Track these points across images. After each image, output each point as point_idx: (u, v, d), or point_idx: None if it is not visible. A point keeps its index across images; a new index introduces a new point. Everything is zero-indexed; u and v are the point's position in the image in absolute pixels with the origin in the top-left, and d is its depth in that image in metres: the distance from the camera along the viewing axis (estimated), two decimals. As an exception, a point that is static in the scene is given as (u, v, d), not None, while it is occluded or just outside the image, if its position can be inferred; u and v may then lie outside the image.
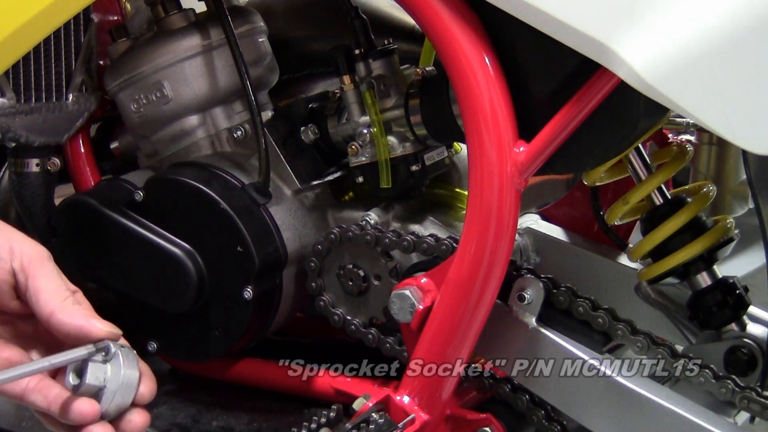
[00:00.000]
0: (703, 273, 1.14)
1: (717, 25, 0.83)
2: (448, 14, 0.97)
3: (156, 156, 1.31)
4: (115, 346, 0.78)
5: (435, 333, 1.04)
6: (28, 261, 0.81)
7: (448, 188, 1.31)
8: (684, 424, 0.99)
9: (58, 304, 0.80)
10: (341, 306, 1.21)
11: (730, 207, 1.65)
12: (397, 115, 1.18)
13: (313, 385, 1.24)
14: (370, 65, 1.19)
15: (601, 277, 1.29)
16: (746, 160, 1.02)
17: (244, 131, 1.26)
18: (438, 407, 1.07)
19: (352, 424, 1.01)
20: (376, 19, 1.35)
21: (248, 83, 1.20)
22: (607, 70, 0.87)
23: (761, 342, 1.10)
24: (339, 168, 1.27)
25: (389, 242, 1.14)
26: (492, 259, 1.00)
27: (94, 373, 0.78)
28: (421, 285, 1.06)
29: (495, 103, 0.97)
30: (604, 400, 1.03)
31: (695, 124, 1.23)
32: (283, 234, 1.21)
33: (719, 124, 0.84)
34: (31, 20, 0.97)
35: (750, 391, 1.03)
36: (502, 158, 0.97)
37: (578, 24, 0.87)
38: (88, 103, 1.31)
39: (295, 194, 1.25)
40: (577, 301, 1.07)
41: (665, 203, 1.15)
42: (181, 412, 1.29)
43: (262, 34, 1.31)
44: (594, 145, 1.00)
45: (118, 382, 0.78)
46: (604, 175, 1.21)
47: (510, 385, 1.12)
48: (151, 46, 1.25)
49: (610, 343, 1.09)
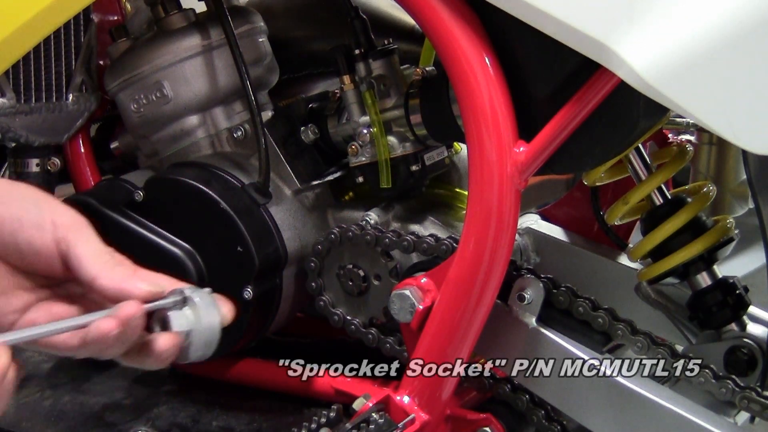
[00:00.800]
0: (703, 273, 1.14)
1: (717, 25, 0.83)
2: (448, 14, 0.97)
3: (156, 156, 1.31)
4: (186, 290, 0.82)
5: (435, 333, 1.04)
6: (67, 230, 0.83)
7: (448, 188, 1.31)
8: (684, 424, 0.99)
9: (99, 268, 0.82)
10: (341, 306, 1.21)
11: (730, 207, 1.65)
12: (397, 115, 1.18)
13: (313, 385, 1.24)
14: (370, 65, 1.19)
15: (601, 277, 1.29)
16: (746, 160, 1.02)
17: (244, 131, 1.26)
18: (438, 407, 1.07)
19: (352, 424, 1.01)
20: (376, 19, 1.35)
21: (248, 83, 1.20)
22: (607, 70, 0.87)
23: (761, 342, 1.10)
24: (339, 168, 1.27)
25: (389, 242, 1.14)
26: (492, 259, 1.00)
27: (178, 320, 0.81)
28: (421, 285, 1.06)
29: (495, 103, 0.97)
30: (604, 400, 1.03)
31: (695, 124, 1.23)
32: (283, 234, 1.21)
33: (719, 124, 0.84)
34: (31, 20, 0.97)
35: (750, 391, 1.03)
36: (502, 158, 0.97)
37: (578, 24, 0.87)
38: (88, 103, 1.31)
39: (295, 194, 1.25)
40: (577, 301, 1.07)
41: (665, 203, 1.15)
42: (181, 412, 1.29)
43: (262, 34, 1.31)
44: (594, 145, 1.00)
45: (202, 322, 0.82)
46: (604, 175, 1.21)
47: (510, 385, 1.12)
48: (151, 46, 1.25)
49: (610, 343, 1.09)
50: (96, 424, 1.27)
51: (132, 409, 1.30)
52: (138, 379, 1.38)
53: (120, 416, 1.28)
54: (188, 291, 0.82)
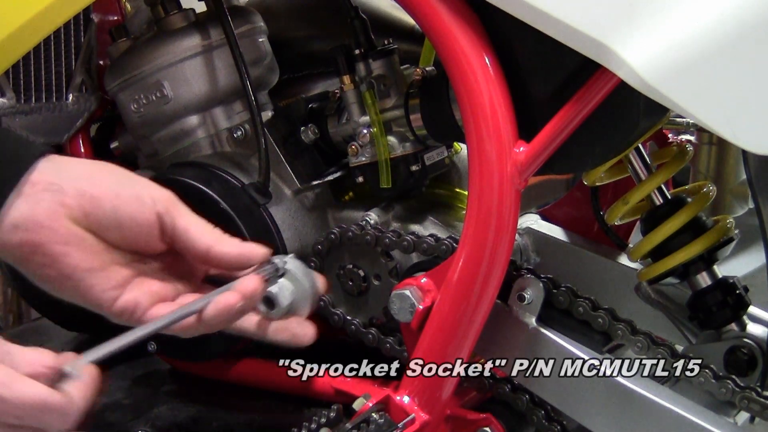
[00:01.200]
0: (703, 273, 1.13)
1: (717, 25, 0.83)
2: (448, 14, 0.97)
3: (156, 156, 1.31)
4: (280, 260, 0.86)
5: (435, 333, 1.04)
6: (167, 204, 0.86)
7: (448, 188, 1.31)
8: (684, 424, 0.99)
9: (211, 238, 0.86)
10: (341, 306, 1.21)
11: (730, 207, 1.65)
12: (397, 115, 1.18)
13: (313, 385, 1.24)
14: (370, 65, 1.19)
15: (601, 277, 1.29)
16: (746, 160, 1.02)
17: (244, 131, 1.26)
18: (438, 407, 1.07)
19: (352, 424, 1.01)
20: (376, 19, 1.35)
21: (248, 83, 1.20)
22: (607, 70, 0.87)
23: (761, 342, 1.10)
24: (339, 168, 1.27)
25: (389, 242, 1.14)
26: (492, 259, 1.00)
27: (282, 293, 0.85)
28: (421, 285, 1.06)
29: (495, 103, 0.97)
30: (604, 400, 1.03)
31: (695, 124, 1.23)
32: (283, 234, 1.21)
33: (719, 124, 0.84)
34: (31, 20, 0.97)
35: (750, 391, 1.03)
36: (502, 158, 0.97)
37: (578, 24, 0.87)
38: (88, 103, 1.31)
39: (295, 194, 1.25)
40: (577, 301, 1.07)
41: (665, 203, 1.15)
42: (181, 412, 1.29)
43: (262, 34, 1.31)
44: (594, 145, 1.00)
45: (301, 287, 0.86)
46: (604, 175, 1.21)
47: (510, 385, 1.12)
48: (151, 46, 1.25)
49: (610, 343, 1.09)
50: (96, 424, 1.27)
51: (132, 409, 1.29)
52: (138, 379, 1.38)
53: (120, 416, 1.28)
54: (278, 261, 0.86)
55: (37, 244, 0.82)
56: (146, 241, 0.85)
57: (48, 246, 0.82)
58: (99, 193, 0.84)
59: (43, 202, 0.82)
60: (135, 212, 0.85)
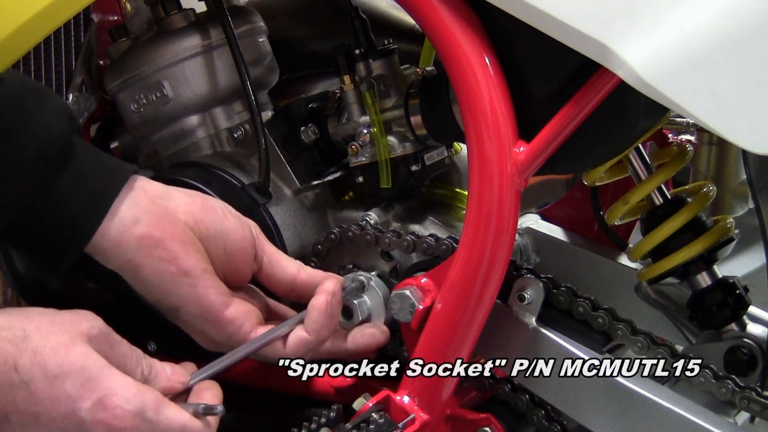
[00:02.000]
0: (703, 273, 1.13)
1: (717, 24, 0.83)
2: (448, 14, 0.97)
3: (156, 156, 1.31)
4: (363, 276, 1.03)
5: (435, 333, 1.04)
6: (257, 230, 0.95)
7: (448, 188, 1.31)
8: (684, 424, 0.99)
9: (296, 265, 0.97)
10: (341, 306, 1.21)
11: (730, 207, 1.65)
12: (397, 115, 1.18)
13: (313, 385, 1.24)
14: (370, 65, 1.19)
15: (601, 277, 1.29)
16: (746, 160, 1.02)
17: (244, 131, 1.26)
18: (438, 407, 1.07)
19: (352, 424, 1.01)
20: (376, 19, 1.35)
21: (248, 83, 1.20)
22: (607, 70, 0.87)
23: (761, 342, 1.10)
24: (339, 168, 1.27)
25: (389, 242, 1.14)
26: (492, 259, 1.00)
27: (361, 306, 1.04)
28: (421, 285, 1.06)
29: (495, 103, 0.97)
30: (604, 400, 1.03)
31: (695, 124, 1.23)
32: (284, 234, 1.21)
33: (719, 124, 0.84)
34: (31, 20, 0.97)
35: (750, 391, 1.03)
36: (502, 158, 0.97)
37: (578, 24, 0.87)
38: (88, 103, 1.31)
39: (295, 194, 1.25)
40: (577, 301, 1.07)
41: (665, 203, 1.15)
42: (180, 412, 1.28)
43: (262, 34, 1.31)
44: (594, 145, 1.00)
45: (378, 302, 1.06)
46: (604, 175, 1.21)
47: (510, 385, 1.12)
48: (151, 46, 1.25)
49: (610, 343, 1.09)
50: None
51: (132, 409, 1.29)
52: (138, 379, 1.38)
53: (120, 416, 1.27)
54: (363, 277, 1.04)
55: (158, 239, 0.85)
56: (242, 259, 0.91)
57: (169, 242, 0.86)
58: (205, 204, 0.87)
59: (158, 204, 0.86)
60: (237, 227, 0.90)
